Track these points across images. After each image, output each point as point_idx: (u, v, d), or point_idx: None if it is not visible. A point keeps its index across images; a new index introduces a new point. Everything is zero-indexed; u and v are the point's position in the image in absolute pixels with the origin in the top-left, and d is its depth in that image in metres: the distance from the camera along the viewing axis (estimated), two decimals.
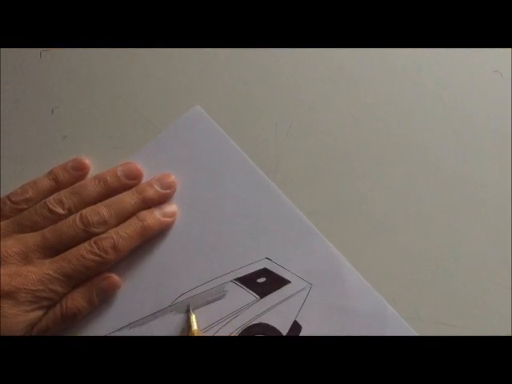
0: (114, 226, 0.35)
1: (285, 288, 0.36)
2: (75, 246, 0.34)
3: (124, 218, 0.35)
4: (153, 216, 0.35)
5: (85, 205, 0.35)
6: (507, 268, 0.36)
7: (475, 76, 0.40)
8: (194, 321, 0.34)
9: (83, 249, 0.33)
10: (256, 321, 0.35)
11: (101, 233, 0.34)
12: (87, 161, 0.37)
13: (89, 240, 0.34)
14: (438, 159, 0.38)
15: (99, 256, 0.33)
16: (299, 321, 0.35)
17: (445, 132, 0.39)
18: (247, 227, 0.37)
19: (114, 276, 0.35)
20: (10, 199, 0.35)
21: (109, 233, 0.34)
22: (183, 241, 0.36)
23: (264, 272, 0.36)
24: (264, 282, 0.36)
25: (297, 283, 0.36)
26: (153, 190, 0.36)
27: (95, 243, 0.33)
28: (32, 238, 0.33)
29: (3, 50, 0.41)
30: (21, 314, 0.32)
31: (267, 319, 0.35)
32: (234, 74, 0.40)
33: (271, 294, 0.35)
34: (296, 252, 0.36)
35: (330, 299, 0.35)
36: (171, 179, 0.37)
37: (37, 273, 0.32)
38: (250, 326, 0.35)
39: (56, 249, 0.33)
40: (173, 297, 0.35)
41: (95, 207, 0.35)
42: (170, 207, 0.37)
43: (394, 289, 0.36)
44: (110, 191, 0.36)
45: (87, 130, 0.39)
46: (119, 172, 0.36)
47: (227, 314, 0.35)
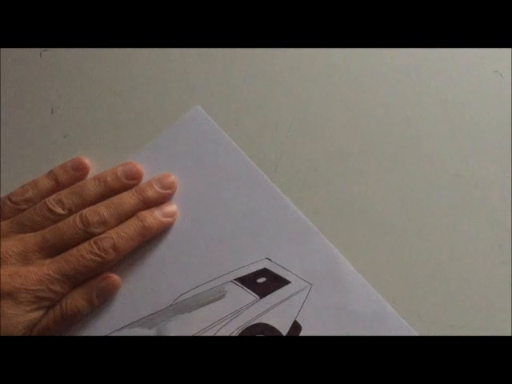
0: (114, 226, 0.34)
1: (285, 288, 0.35)
2: (75, 246, 0.34)
3: (124, 218, 0.35)
4: (153, 216, 0.35)
5: (85, 205, 0.35)
6: (507, 268, 0.36)
7: (475, 76, 0.40)
8: None
9: (83, 249, 0.33)
10: (256, 321, 0.35)
11: (101, 233, 0.34)
12: (87, 161, 0.37)
13: (89, 240, 0.34)
14: (438, 159, 0.38)
15: (99, 256, 0.33)
16: (299, 321, 0.35)
17: (445, 132, 0.39)
18: (247, 227, 0.37)
19: (114, 276, 0.35)
20: (10, 199, 0.35)
21: (109, 233, 0.34)
22: (183, 241, 0.36)
23: (264, 272, 0.36)
24: (264, 282, 0.36)
25: (297, 283, 0.35)
26: (153, 190, 0.36)
27: (95, 243, 0.33)
28: (32, 238, 0.33)
29: (3, 50, 0.41)
30: (21, 314, 0.32)
31: (267, 319, 0.35)
32: (234, 74, 0.40)
33: (271, 294, 0.35)
34: (296, 252, 0.36)
35: (330, 299, 0.35)
36: (171, 179, 0.37)
37: (37, 273, 0.32)
38: (250, 326, 0.35)
39: (56, 249, 0.33)
40: (173, 297, 0.35)
41: (95, 207, 0.35)
42: (170, 207, 0.37)
43: (394, 289, 0.36)
44: (110, 191, 0.36)
45: (87, 130, 0.39)
46: (119, 172, 0.36)
47: (227, 314, 0.35)
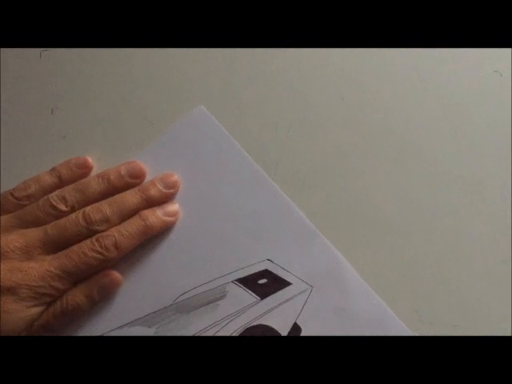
0: (117, 225, 0.35)
1: (286, 290, 0.36)
2: (77, 243, 0.34)
3: (126, 217, 0.35)
4: (155, 215, 0.35)
5: (88, 202, 0.35)
6: (507, 268, 0.36)
7: (475, 76, 0.40)
8: None
9: (85, 246, 0.33)
10: (256, 322, 0.35)
11: (103, 231, 0.34)
12: (90, 160, 0.37)
13: (91, 238, 0.34)
14: (438, 159, 0.38)
15: (101, 254, 0.33)
16: (299, 323, 0.35)
17: (445, 132, 0.39)
18: (249, 228, 0.37)
19: (115, 273, 0.35)
20: (13, 194, 0.35)
21: (111, 231, 0.34)
22: (185, 240, 0.36)
23: (265, 273, 0.36)
24: (265, 284, 0.36)
25: (298, 285, 0.36)
26: (156, 189, 0.36)
27: (97, 241, 0.33)
28: (34, 234, 0.33)
29: (3, 50, 0.40)
30: (21, 310, 0.32)
31: (267, 321, 0.35)
32: (234, 74, 0.40)
33: (272, 296, 0.35)
34: (297, 254, 0.36)
35: (331, 302, 0.35)
36: (174, 179, 0.37)
37: (38, 269, 0.32)
38: (250, 328, 0.35)
39: (58, 245, 0.33)
40: (173, 296, 0.35)
41: (98, 205, 0.35)
42: (173, 206, 0.37)
43: (394, 289, 0.36)
44: (113, 189, 0.36)
45: (87, 130, 0.39)
46: (123, 171, 0.36)
47: (227, 315, 0.35)
